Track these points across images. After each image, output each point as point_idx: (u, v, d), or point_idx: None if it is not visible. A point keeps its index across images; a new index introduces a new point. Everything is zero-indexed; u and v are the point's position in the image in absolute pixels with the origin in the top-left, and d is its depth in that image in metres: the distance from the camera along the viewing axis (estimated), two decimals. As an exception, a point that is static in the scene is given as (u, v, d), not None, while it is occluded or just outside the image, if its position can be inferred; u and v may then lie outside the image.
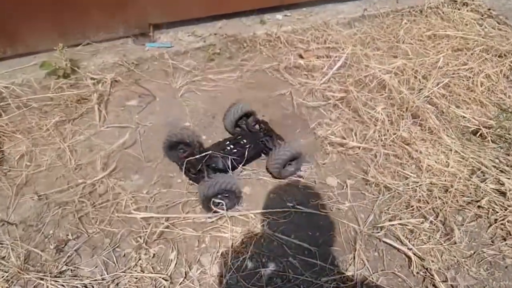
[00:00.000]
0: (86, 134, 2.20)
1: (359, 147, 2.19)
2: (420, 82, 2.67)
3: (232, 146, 2.02)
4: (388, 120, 2.35)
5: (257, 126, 2.18)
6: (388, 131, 2.29)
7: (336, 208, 1.92)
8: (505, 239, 1.83)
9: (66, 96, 2.37)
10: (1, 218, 1.76)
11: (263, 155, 2.11)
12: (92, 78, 2.48)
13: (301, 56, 2.87)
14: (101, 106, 2.36)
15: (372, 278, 1.64)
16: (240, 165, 2.00)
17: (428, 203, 1.93)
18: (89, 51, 2.73)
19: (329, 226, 1.84)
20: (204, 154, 1.88)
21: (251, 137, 2.09)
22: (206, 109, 2.45)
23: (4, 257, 1.62)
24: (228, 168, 1.91)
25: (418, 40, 3.20)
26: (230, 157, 1.92)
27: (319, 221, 1.86)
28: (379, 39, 3.16)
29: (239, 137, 2.10)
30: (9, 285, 1.52)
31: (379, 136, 2.26)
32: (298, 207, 1.90)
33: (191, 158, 1.87)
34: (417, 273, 1.67)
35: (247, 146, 2.02)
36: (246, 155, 1.98)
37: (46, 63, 2.46)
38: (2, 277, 1.54)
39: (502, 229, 1.87)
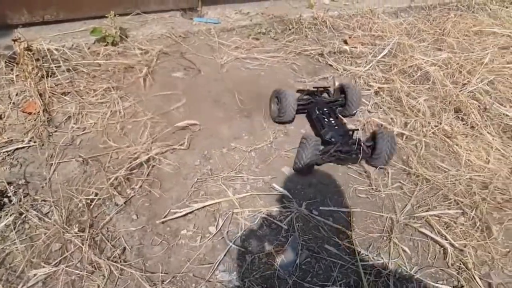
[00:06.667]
0: (132, 101, 2.26)
1: (402, 136, 2.18)
2: (464, 76, 2.63)
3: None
4: (430, 112, 2.33)
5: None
6: (429, 123, 2.27)
7: (373, 195, 1.94)
8: (542, 240, 1.82)
9: (114, 64, 2.43)
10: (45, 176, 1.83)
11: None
12: (140, 48, 2.53)
13: (346, 42, 2.85)
14: (147, 76, 2.41)
15: (406, 267, 1.66)
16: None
17: (466, 198, 1.92)
18: (138, 21, 2.79)
19: (365, 212, 1.86)
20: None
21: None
22: (250, 87, 2.48)
23: (47, 213, 1.68)
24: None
25: (464, 35, 3.13)
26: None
27: (356, 206, 1.88)
28: (425, 31, 3.10)
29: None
30: (50, 242, 1.57)
31: (420, 127, 2.25)
32: (335, 190, 1.93)
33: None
34: (452, 265, 1.68)
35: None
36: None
37: (97, 30, 2.52)
38: (45, 234, 1.58)
39: (539, 230, 1.85)
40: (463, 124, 2.33)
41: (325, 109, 2.22)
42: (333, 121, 2.15)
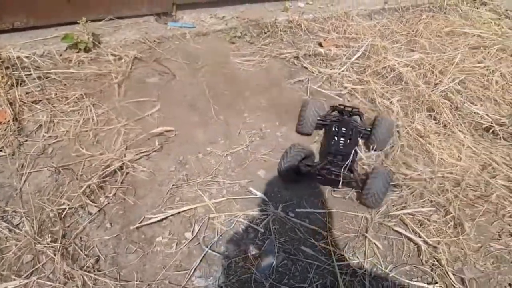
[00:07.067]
0: (105, 108, 2.23)
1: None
2: (436, 76, 2.69)
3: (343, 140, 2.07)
4: (403, 112, 2.37)
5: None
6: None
7: (349, 195, 1.96)
8: (512, 235, 1.87)
9: (87, 70, 2.39)
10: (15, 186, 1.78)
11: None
12: (113, 54, 2.51)
13: (320, 45, 2.88)
14: (121, 82, 2.39)
15: (382, 266, 1.68)
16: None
17: (439, 196, 1.96)
18: (111, 26, 2.76)
19: (341, 212, 1.88)
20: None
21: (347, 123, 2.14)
22: (226, 90, 2.48)
23: (18, 224, 1.64)
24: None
25: (436, 36, 3.21)
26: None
27: (331, 207, 1.90)
28: (398, 32, 3.17)
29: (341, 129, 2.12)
30: (21, 253, 1.54)
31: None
32: (311, 192, 1.95)
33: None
34: (426, 262, 1.71)
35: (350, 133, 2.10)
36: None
37: (68, 36, 2.48)
38: (16, 245, 1.54)
39: (510, 225, 1.90)
40: (436, 123, 2.38)
41: (343, 129, 2.11)
42: (342, 142, 2.06)
